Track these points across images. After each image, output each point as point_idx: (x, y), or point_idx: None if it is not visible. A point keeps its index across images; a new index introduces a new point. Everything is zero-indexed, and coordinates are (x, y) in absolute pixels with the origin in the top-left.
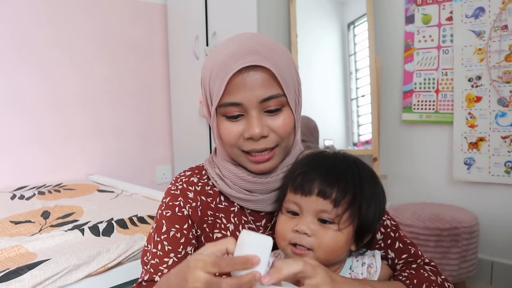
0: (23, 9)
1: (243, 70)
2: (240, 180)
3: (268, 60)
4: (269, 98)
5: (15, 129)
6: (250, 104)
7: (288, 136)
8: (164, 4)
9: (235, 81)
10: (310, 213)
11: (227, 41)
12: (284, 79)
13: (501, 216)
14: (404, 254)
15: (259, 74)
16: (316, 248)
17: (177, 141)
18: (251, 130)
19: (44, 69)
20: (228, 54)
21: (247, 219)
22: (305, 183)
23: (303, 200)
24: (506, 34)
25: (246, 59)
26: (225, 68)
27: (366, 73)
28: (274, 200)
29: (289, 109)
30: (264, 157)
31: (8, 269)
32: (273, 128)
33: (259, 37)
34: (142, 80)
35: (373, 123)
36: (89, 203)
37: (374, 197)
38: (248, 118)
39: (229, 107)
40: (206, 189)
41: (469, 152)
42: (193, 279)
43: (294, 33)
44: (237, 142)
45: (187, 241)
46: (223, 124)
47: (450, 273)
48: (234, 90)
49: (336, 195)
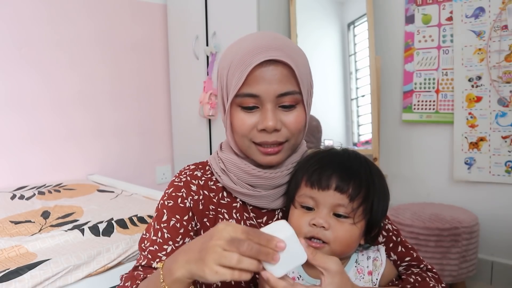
0: (24, 9)
1: (263, 64)
2: (244, 174)
3: (288, 57)
4: (286, 94)
5: (15, 128)
6: (267, 97)
7: (298, 134)
8: (164, 4)
9: (255, 74)
10: (326, 207)
11: (249, 36)
12: (301, 78)
13: (501, 216)
14: (407, 257)
15: (279, 69)
16: (332, 242)
17: (177, 141)
18: (265, 123)
19: (44, 69)
20: (250, 48)
21: (249, 216)
22: (322, 177)
23: (320, 195)
24: (506, 34)
25: (268, 54)
26: (247, 60)
27: (366, 73)
28: (277, 197)
29: (303, 107)
30: (274, 149)
31: (8, 269)
32: (285, 123)
33: (280, 36)
34: (142, 80)
35: (373, 123)
36: (89, 203)
37: (383, 194)
38: (263, 111)
39: (246, 98)
40: (209, 184)
41: (469, 152)
42: (219, 237)
43: (294, 33)
44: (249, 133)
45: (186, 232)
46: (237, 114)
47: (450, 273)
48: (253, 82)
49: (352, 190)
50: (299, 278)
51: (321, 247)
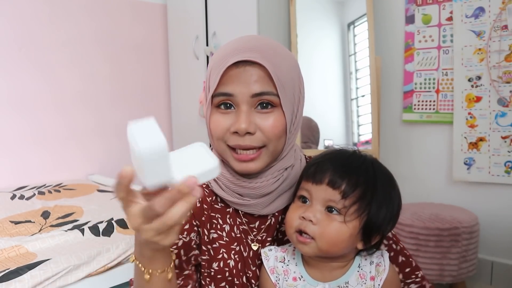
0: (25, 9)
1: (240, 64)
2: (231, 183)
3: (266, 59)
4: (261, 94)
5: (16, 128)
6: (242, 97)
7: (277, 139)
8: (164, 4)
9: (230, 73)
10: (319, 202)
11: (235, 39)
12: (280, 80)
13: (501, 216)
14: (407, 268)
15: (255, 70)
16: (318, 237)
17: (177, 141)
18: (237, 124)
19: (45, 68)
20: (229, 49)
21: (241, 220)
22: (317, 172)
23: (313, 188)
24: (506, 34)
25: (244, 55)
26: (224, 61)
27: (366, 73)
28: (267, 204)
29: (281, 111)
30: (248, 156)
31: (8, 269)
32: (261, 127)
33: (266, 39)
34: (142, 80)
35: (373, 123)
36: (89, 203)
37: (387, 200)
38: (238, 112)
39: (221, 97)
40: (203, 186)
41: (469, 152)
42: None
43: (294, 33)
44: (224, 135)
45: (191, 227)
46: (214, 116)
47: (450, 273)
48: (228, 81)
49: (345, 187)
50: (300, 278)
51: (308, 242)
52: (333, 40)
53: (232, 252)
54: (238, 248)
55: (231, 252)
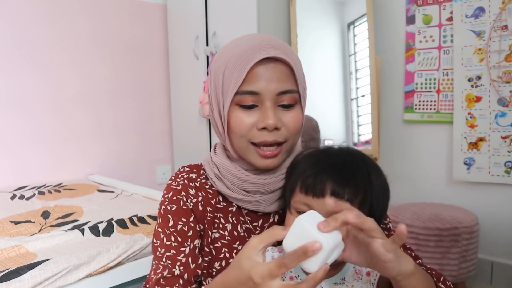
0: (24, 9)
1: (263, 61)
2: (238, 180)
3: (287, 56)
4: (285, 92)
5: (16, 128)
6: (267, 95)
7: (296, 134)
8: (164, 4)
9: (256, 71)
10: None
11: (244, 37)
12: (299, 77)
13: (501, 216)
14: None
15: (279, 68)
16: None
17: (177, 141)
18: (266, 120)
19: (44, 68)
20: (249, 46)
21: (244, 219)
22: (317, 184)
23: (315, 202)
24: (506, 34)
25: (269, 51)
26: (247, 58)
27: (366, 73)
28: (273, 200)
29: (300, 107)
30: (273, 152)
31: (8, 269)
32: (285, 122)
33: (275, 37)
34: (142, 80)
35: (373, 123)
36: (89, 203)
37: (381, 191)
38: (263, 109)
39: (246, 95)
40: (205, 187)
41: (469, 152)
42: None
43: (294, 33)
44: (248, 133)
45: (195, 234)
46: (236, 113)
47: (450, 273)
48: (254, 79)
49: (348, 196)
50: (297, 277)
51: None
52: (333, 40)
53: (234, 251)
54: (240, 247)
55: (233, 251)
